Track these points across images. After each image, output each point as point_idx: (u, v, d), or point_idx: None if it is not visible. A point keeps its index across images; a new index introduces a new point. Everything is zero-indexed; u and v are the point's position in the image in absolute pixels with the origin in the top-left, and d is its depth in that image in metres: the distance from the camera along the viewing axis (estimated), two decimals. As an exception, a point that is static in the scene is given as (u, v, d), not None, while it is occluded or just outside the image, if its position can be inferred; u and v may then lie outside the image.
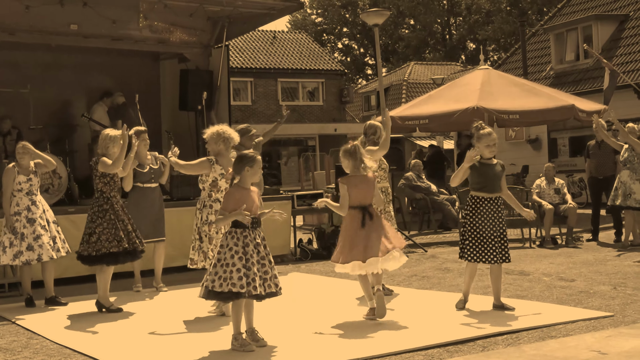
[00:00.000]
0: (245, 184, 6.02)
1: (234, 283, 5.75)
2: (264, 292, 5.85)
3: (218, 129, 7.62)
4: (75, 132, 13.00)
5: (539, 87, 17.51)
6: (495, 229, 7.05)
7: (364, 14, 15.13)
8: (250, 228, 5.91)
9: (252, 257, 5.84)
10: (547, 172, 12.94)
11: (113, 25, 12.15)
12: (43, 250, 8.17)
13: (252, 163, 6.01)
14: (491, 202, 7.10)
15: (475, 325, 6.46)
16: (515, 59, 26.32)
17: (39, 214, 8.28)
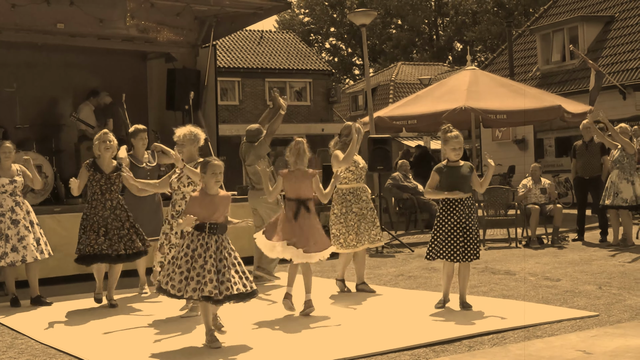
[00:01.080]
0: (209, 189, 6.06)
1: (173, 285, 5.89)
2: (210, 295, 5.79)
3: (192, 130, 7.52)
4: (62, 132, 12.94)
5: (525, 88, 17.59)
6: (465, 229, 7.17)
7: (351, 14, 15.14)
8: (207, 233, 5.95)
9: (197, 260, 5.88)
10: (534, 172, 12.99)
11: (100, 24, 12.11)
12: (27, 252, 8.14)
13: (205, 168, 6.06)
14: (461, 204, 7.21)
15: (462, 325, 6.48)
16: (501, 60, 26.43)
17: (23, 215, 8.26)
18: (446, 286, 7.36)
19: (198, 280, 5.85)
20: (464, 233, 7.18)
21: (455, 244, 7.17)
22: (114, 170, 8.01)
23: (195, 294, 5.84)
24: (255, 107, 36.74)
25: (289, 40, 40.50)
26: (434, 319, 6.84)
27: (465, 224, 7.18)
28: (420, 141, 32.74)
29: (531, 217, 12.49)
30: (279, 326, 6.79)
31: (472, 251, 7.20)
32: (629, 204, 11.59)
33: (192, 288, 5.84)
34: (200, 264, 5.88)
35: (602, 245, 12.10)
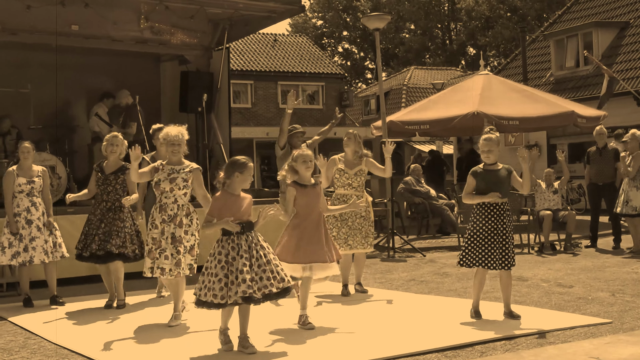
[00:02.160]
0: (234, 190, 5.99)
1: (215, 294, 5.78)
2: (244, 295, 5.75)
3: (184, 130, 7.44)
4: (75, 133, 13.01)
5: (538, 93, 17.53)
6: (499, 235, 6.94)
7: (364, 18, 15.13)
8: (236, 235, 5.88)
9: (232, 264, 5.81)
10: (548, 177, 12.95)
11: (114, 26, 12.17)
12: (35, 253, 8.21)
13: (243, 169, 5.98)
14: (497, 208, 6.99)
15: (474, 331, 6.45)
16: (515, 65, 26.36)
17: (38, 215, 8.31)
18: (477, 294, 7.09)
19: (238, 283, 5.76)
20: (501, 239, 6.93)
21: (491, 251, 6.91)
22: (116, 172, 8.06)
23: (237, 296, 5.76)
24: (268, 110, 36.80)
25: (302, 43, 40.56)
26: (446, 324, 6.81)
27: (502, 229, 6.94)
28: (433, 145, 32.69)
29: (544, 223, 12.45)
30: (290, 332, 6.78)
31: (510, 258, 6.95)
32: (639, 212, 11.55)
33: (235, 292, 5.75)
34: (236, 267, 5.81)
35: (616, 252, 12.04)
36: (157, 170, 7.08)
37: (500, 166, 7.08)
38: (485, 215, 6.99)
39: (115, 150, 8.11)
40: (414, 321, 6.99)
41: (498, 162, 7.13)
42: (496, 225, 6.95)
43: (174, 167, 7.09)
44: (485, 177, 7.01)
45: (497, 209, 6.99)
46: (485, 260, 6.95)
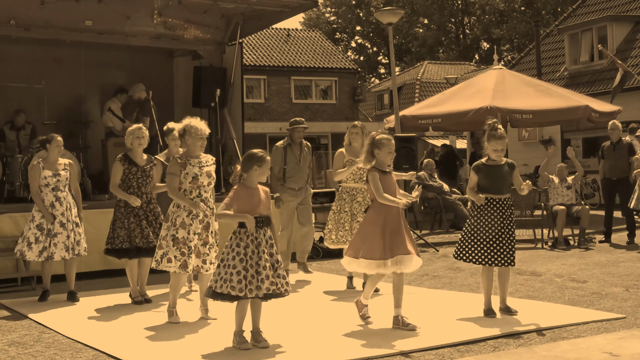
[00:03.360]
0: (251, 183, 5.99)
1: (233, 286, 5.77)
2: (268, 292, 5.81)
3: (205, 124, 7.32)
4: (89, 128, 13.06)
5: (552, 88, 17.46)
6: (502, 231, 6.90)
7: (378, 12, 15.12)
8: (255, 228, 5.88)
9: (252, 258, 5.82)
10: (560, 172, 12.90)
11: (127, 22, 12.19)
12: (57, 250, 8.19)
13: (261, 162, 5.98)
14: (500, 204, 6.93)
15: (487, 326, 6.44)
16: (529, 59, 26.24)
17: (62, 211, 8.27)
18: (487, 292, 7.01)
19: (258, 278, 5.78)
20: (504, 235, 6.88)
21: (492, 247, 6.87)
22: (147, 163, 8.07)
23: (260, 292, 5.78)
24: (281, 105, 36.82)
25: (315, 38, 40.53)
26: (459, 319, 6.80)
27: (502, 226, 6.88)
28: (446, 140, 32.60)
29: (558, 218, 12.40)
30: (303, 326, 6.80)
31: (511, 255, 6.88)
32: None
33: (256, 286, 5.77)
34: (256, 261, 5.82)
35: (630, 247, 11.98)
36: (184, 166, 7.01)
37: (504, 161, 7.00)
38: (488, 210, 6.93)
39: (142, 143, 8.07)
40: (427, 316, 6.99)
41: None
42: (498, 221, 6.90)
43: (201, 160, 7.07)
44: (488, 173, 6.95)
45: (500, 204, 6.92)
46: (486, 257, 6.90)
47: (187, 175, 6.94)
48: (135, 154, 8.06)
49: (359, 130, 8.66)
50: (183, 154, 7.17)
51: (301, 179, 9.72)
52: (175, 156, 7.19)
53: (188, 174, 6.95)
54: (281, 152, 9.63)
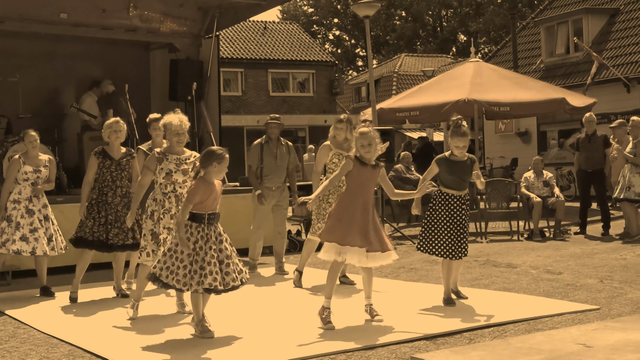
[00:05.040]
0: (210, 178, 6.02)
1: (178, 280, 5.87)
2: (210, 287, 5.85)
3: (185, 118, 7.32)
4: (65, 121, 12.97)
5: (529, 81, 17.56)
6: (458, 226, 7.05)
7: (355, 5, 15.10)
8: (206, 224, 5.96)
9: (198, 254, 5.89)
10: (536, 165, 12.99)
11: (103, 14, 12.11)
12: (38, 245, 8.13)
13: (221, 160, 6.02)
14: (459, 200, 7.11)
15: (462, 318, 6.48)
16: (506, 52, 26.37)
17: (39, 207, 8.26)
18: (446, 281, 7.19)
19: (201, 273, 5.86)
20: (457, 230, 7.04)
21: (446, 240, 7.03)
22: (124, 157, 8.00)
23: (200, 287, 5.85)
24: (258, 97, 36.73)
25: (293, 31, 40.45)
26: (435, 311, 6.84)
27: (459, 220, 7.05)
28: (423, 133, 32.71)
29: (534, 210, 12.49)
30: (274, 318, 6.81)
31: (463, 249, 7.06)
32: None
33: (197, 281, 5.85)
34: (202, 257, 5.90)
35: (604, 238, 12.10)
36: (160, 161, 6.98)
37: (466, 157, 7.11)
38: (443, 204, 7.11)
39: (119, 136, 7.98)
40: (403, 309, 7.02)
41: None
42: (453, 215, 7.07)
43: (180, 156, 7.03)
44: (451, 167, 7.10)
45: (456, 199, 7.10)
46: (440, 249, 7.08)
47: (161, 170, 6.94)
48: (111, 148, 7.99)
49: (344, 125, 8.48)
50: (164, 149, 7.15)
51: (278, 178, 9.57)
52: (155, 150, 7.16)
53: (162, 169, 6.94)
54: (258, 149, 9.53)
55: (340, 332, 6.11)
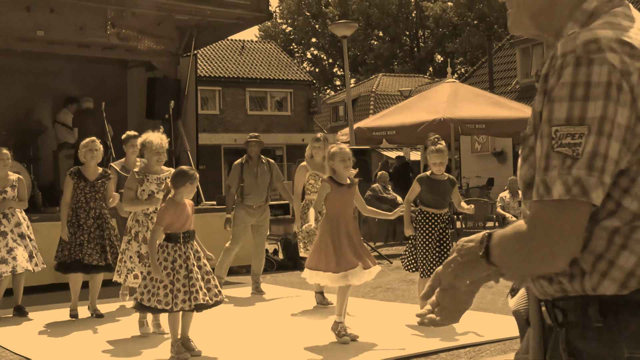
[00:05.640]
0: (180, 199, 6.02)
1: (159, 300, 5.83)
2: (204, 302, 5.84)
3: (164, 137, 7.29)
4: (40, 139, 12.88)
5: (504, 101, 17.72)
6: (439, 245, 7.13)
7: (332, 25, 15.19)
8: (182, 243, 5.94)
9: (179, 272, 5.86)
10: (511, 185, 13.09)
11: (80, 32, 12.08)
12: (17, 262, 7.94)
13: (192, 180, 6.03)
14: (438, 218, 7.19)
15: (438, 339, 6.49)
16: (482, 72, 26.62)
17: (11, 227, 8.06)
18: (422, 303, 7.28)
19: (186, 291, 5.80)
20: (437, 248, 7.12)
21: (430, 260, 7.10)
22: (99, 178, 7.93)
23: (187, 304, 5.80)
24: (236, 116, 36.72)
25: (270, 50, 40.54)
26: (411, 332, 6.84)
27: (438, 239, 7.13)
28: (400, 152, 32.83)
29: (509, 229, 12.55)
30: (254, 338, 6.78)
31: None
32: None
33: (182, 300, 5.79)
34: (184, 274, 5.84)
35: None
36: (141, 182, 6.96)
37: (447, 177, 7.25)
38: (425, 224, 7.21)
39: (95, 156, 7.87)
40: (380, 329, 7.02)
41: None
42: (432, 233, 7.16)
43: (159, 176, 6.99)
44: (431, 186, 7.20)
45: (437, 218, 7.19)
46: (424, 268, 7.14)
47: (143, 192, 6.92)
48: (87, 168, 7.89)
49: (321, 144, 8.49)
50: (142, 169, 7.12)
51: (259, 196, 9.48)
52: (134, 171, 7.14)
53: (144, 191, 6.93)
54: (238, 169, 9.50)
55: (312, 354, 6.09)
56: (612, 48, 1.55)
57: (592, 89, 1.53)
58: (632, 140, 1.56)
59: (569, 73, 1.56)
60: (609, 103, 1.52)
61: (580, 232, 1.56)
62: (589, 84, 1.53)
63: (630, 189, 1.59)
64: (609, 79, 1.53)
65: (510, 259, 1.67)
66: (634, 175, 1.59)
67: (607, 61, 1.54)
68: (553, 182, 1.55)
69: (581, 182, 1.53)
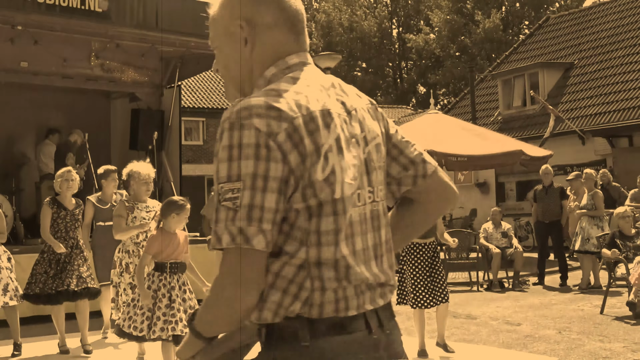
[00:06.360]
0: (169, 229, 6.01)
1: (135, 327, 5.82)
2: (170, 335, 5.78)
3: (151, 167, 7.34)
4: (23, 170, 12.83)
5: (487, 132, 17.83)
6: (430, 274, 7.10)
7: (316, 57, 15.30)
8: (168, 272, 5.92)
9: (161, 301, 5.85)
10: (494, 216, 13.13)
11: (64, 64, 12.10)
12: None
13: (180, 210, 6.02)
14: (426, 247, 7.18)
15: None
16: (464, 104, 26.79)
17: None
18: (421, 334, 7.16)
19: (166, 320, 5.78)
20: (430, 277, 7.09)
21: (421, 290, 7.06)
22: (76, 207, 7.89)
23: (164, 333, 5.76)
24: (220, 147, 36.69)
25: (254, 81, 40.67)
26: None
27: (430, 268, 7.10)
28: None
29: (493, 260, 12.59)
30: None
31: (444, 293, 7.08)
32: (599, 250, 11.71)
33: (160, 328, 5.77)
34: (166, 304, 5.82)
35: (563, 289, 12.22)
36: (131, 209, 6.96)
37: None
38: (412, 255, 7.19)
39: (71, 186, 7.80)
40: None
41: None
42: (425, 264, 7.14)
43: (147, 205, 7.00)
44: None
45: (425, 248, 7.18)
46: (416, 299, 7.08)
47: (135, 219, 6.92)
48: (63, 198, 7.81)
49: None
50: (130, 198, 7.12)
51: None
52: (123, 199, 7.14)
53: (136, 218, 6.92)
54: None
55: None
56: (259, 114, 1.78)
57: (243, 150, 1.75)
58: (287, 190, 1.77)
59: (225, 137, 1.79)
60: (259, 161, 1.74)
61: (256, 273, 1.77)
62: (241, 146, 1.75)
63: (288, 231, 1.79)
64: (257, 140, 1.75)
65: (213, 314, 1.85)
66: (292, 221, 1.79)
67: (254, 126, 1.76)
68: (221, 233, 1.75)
69: (243, 231, 1.73)
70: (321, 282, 1.80)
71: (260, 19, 1.99)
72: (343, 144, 1.85)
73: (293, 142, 1.77)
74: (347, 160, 1.85)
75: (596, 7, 26.55)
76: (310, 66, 2.01)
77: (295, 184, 1.78)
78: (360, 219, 1.89)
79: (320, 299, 1.80)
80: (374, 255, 1.94)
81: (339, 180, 1.82)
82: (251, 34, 2.01)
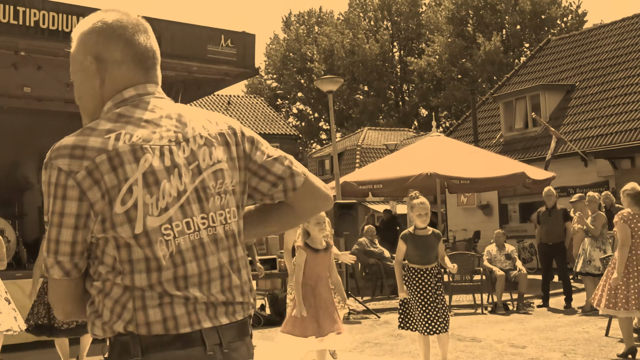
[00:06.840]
0: None
1: None
2: None
3: None
4: (25, 195, 12.83)
5: (489, 155, 17.86)
6: (432, 300, 7.06)
7: (318, 81, 15.33)
8: None
9: None
10: (498, 238, 13.10)
11: (67, 89, 12.10)
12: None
13: None
14: (427, 273, 7.13)
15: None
16: (466, 126, 26.83)
17: None
18: (425, 357, 7.15)
19: None
20: (431, 305, 7.04)
21: (424, 316, 7.02)
22: None
23: None
24: (222, 170, 36.74)
25: (257, 104, 40.83)
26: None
27: (431, 294, 7.06)
28: (387, 205, 32.89)
29: (497, 283, 12.55)
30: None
31: (446, 321, 7.05)
32: (601, 272, 11.65)
33: None
34: None
35: (567, 311, 12.16)
36: None
37: (430, 231, 7.21)
38: (415, 280, 7.14)
39: None
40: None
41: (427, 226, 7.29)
42: (421, 289, 7.09)
43: None
44: (416, 242, 7.17)
45: (423, 272, 7.14)
46: (419, 325, 7.05)
47: None
48: None
49: None
50: None
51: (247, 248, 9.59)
52: None
53: None
54: None
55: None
56: (62, 154, 1.97)
57: (49, 188, 1.96)
58: (88, 223, 1.94)
59: (43, 174, 1.99)
60: (56, 200, 1.94)
61: (58, 297, 2.04)
62: (49, 184, 1.96)
63: (102, 258, 1.97)
64: (57, 180, 1.94)
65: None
66: (102, 248, 1.96)
67: (56, 165, 1.95)
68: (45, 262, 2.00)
69: (46, 262, 1.98)
70: (142, 302, 1.93)
71: (109, 55, 2.13)
72: (157, 175, 1.96)
73: (93, 179, 1.93)
74: (165, 189, 1.97)
75: (596, 29, 26.66)
76: (149, 97, 2.15)
77: (95, 217, 1.93)
78: (192, 245, 2.00)
79: (145, 319, 1.93)
80: (220, 275, 2.03)
81: (140, 215, 1.94)
82: (101, 69, 2.14)
